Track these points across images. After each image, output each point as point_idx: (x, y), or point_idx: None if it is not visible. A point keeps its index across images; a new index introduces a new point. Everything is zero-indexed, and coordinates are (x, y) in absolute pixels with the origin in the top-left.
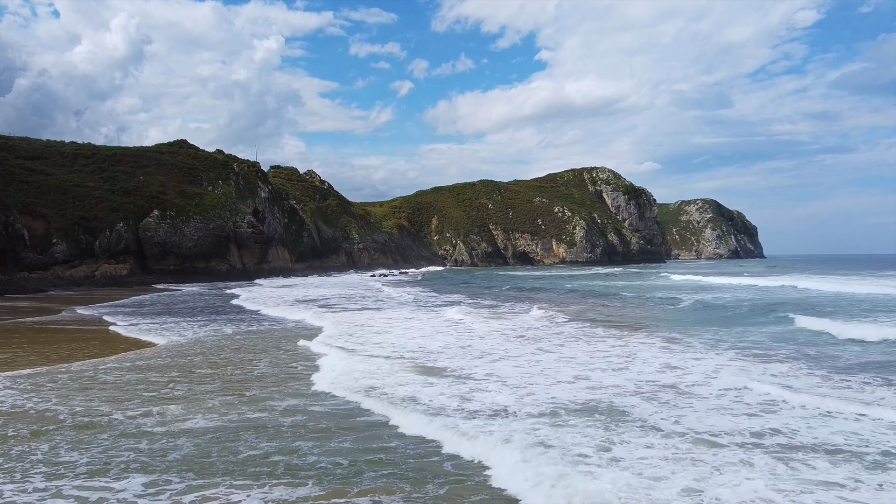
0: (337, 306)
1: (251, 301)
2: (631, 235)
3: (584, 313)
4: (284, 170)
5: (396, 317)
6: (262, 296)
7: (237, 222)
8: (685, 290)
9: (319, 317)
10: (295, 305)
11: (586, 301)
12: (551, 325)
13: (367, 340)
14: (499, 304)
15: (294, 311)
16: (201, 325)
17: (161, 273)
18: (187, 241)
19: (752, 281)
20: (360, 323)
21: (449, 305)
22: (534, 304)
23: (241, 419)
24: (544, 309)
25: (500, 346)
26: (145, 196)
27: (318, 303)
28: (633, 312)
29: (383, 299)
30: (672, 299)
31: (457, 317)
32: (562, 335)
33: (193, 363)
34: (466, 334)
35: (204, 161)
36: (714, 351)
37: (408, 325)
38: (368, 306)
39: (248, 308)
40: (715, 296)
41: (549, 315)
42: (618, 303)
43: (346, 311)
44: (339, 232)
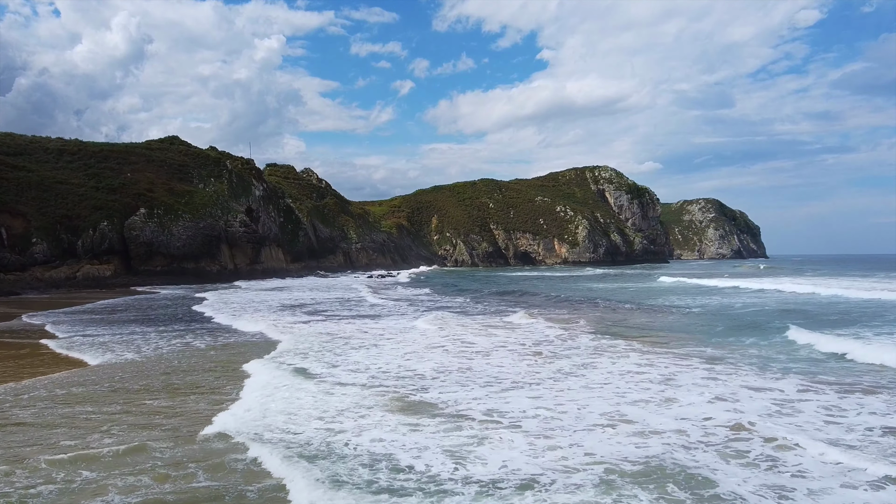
0: (324, 312)
1: (225, 308)
2: (634, 235)
3: (599, 321)
4: (281, 168)
5: (386, 327)
6: (241, 300)
7: (229, 221)
8: (703, 294)
9: (290, 329)
10: (269, 313)
11: (597, 306)
12: (565, 336)
13: (344, 360)
14: (505, 311)
15: (264, 320)
16: (152, 338)
17: (147, 274)
18: (175, 240)
19: (776, 285)
20: (343, 334)
21: (448, 312)
22: (542, 309)
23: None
24: (555, 317)
25: (509, 368)
26: (132, 194)
27: (305, 308)
28: (651, 320)
29: (377, 303)
30: (688, 304)
31: (456, 328)
32: (580, 350)
33: (94, 395)
34: (468, 351)
35: (196, 158)
36: (770, 374)
37: (399, 336)
38: (360, 313)
39: (214, 318)
40: (733, 300)
41: (561, 324)
42: (630, 307)
43: (331, 319)
44: (336, 231)
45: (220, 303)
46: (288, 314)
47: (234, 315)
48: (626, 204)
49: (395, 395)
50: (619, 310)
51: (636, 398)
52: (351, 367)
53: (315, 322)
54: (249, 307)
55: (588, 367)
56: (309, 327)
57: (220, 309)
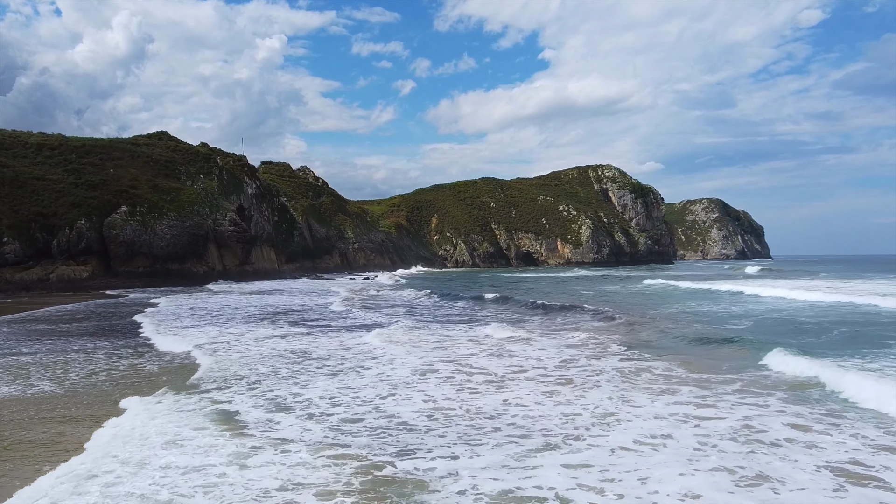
0: (300, 322)
1: (171, 318)
2: (638, 235)
3: (627, 333)
4: (276, 165)
5: (370, 344)
6: (207, 307)
7: (218, 220)
8: (731, 302)
9: (239, 346)
10: (227, 323)
11: (617, 314)
12: (593, 354)
13: (300, 397)
14: (516, 320)
15: (210, 333)
16: (41, 358)
17: (128, 276)
18: (159, 240)
19: (805, 295)
20: (312, 354)
21: (448, 322)
22: (556, 316)
23: None
24: (576, 329)
25: (529, 406)
26: (113, 190)
27: (278, 317)
28: (685, 332)
29: (367, 308)
30: (723, 312)
31: (463, 346)
32: (618, 378)
33: None
34: (471, 377)
35: (185, 154)
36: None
37: (383, 356)
38: (343, 324)
39: (145, 332)
40: (766, 306)
41: (584, 338)
42: (654, 316)
43: (304, 330)
44: (333, 231)
45: (172, 310)
46: (254, 325)
47: (175, 327)
48: (629, 203)
49: (362, 465)
50: (646, 318)
51: (720, 465)
52: (307, 407)
53: (282, 337)
54: (208, 316)
55: (635, 409)
56: (269, 344)
57: (164, 319)
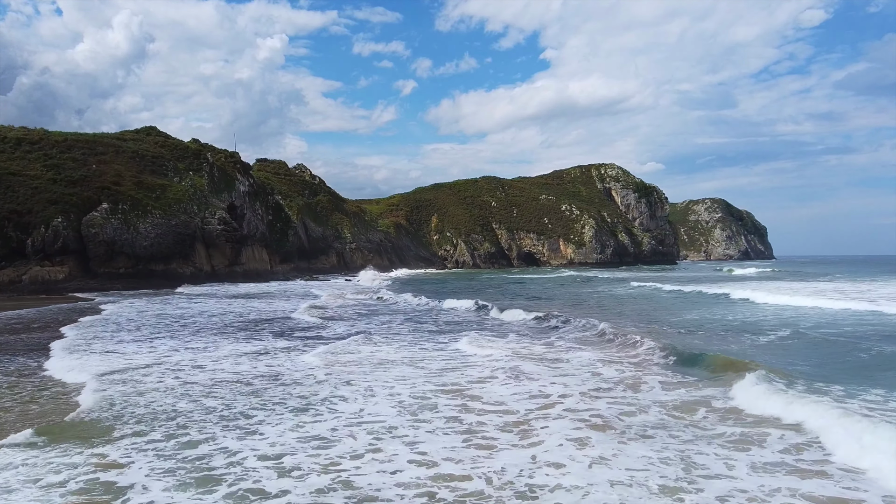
0: (259, 333)
1: (101, 331)
2: (642, 235)
3: (662, 351)
4: (271, 163)
5: (342, 364)
6: (185, 312)
7: (206, 218)
8: (765, 313)
9: (216, 365)
10: (169, 337)
11: (642, 324)
12: (633, 382)
13: (240, 455)
14: (529, 333)
15: (140, 352)
16: None
17: (108, 277)
18: (142, 239)
19: (833, 303)
20: (284, 378)
21: (447, 334)
22: (574, 328)
23: None
24: (603, 346)
25: (566, 472)
26: (94, 187)
27: (263, 327)
28: (729, 349)
29: (351, 317)
30: (759, 323)
31: (457, 367)
32: (680, 424)
33: None
34: (482, 421)
35: (173, 150)
36: None
37: (367, 378)
38: (328, 333)
39: (52, 351)
40: (810, 320)
41: (617, 357)
42: (687, 326)
43: (285, 349)
44: (329, 230)
45: (132, 318)
46: (221, 336)
47: (91, 343)
48: (633, 203)
49: None
50: (675, 330)
51: None
52: (241, 478)
53: (250, 354)
54: (172, 325)
55: (714, 481)
56: (228, 363)
57: (104, 330)
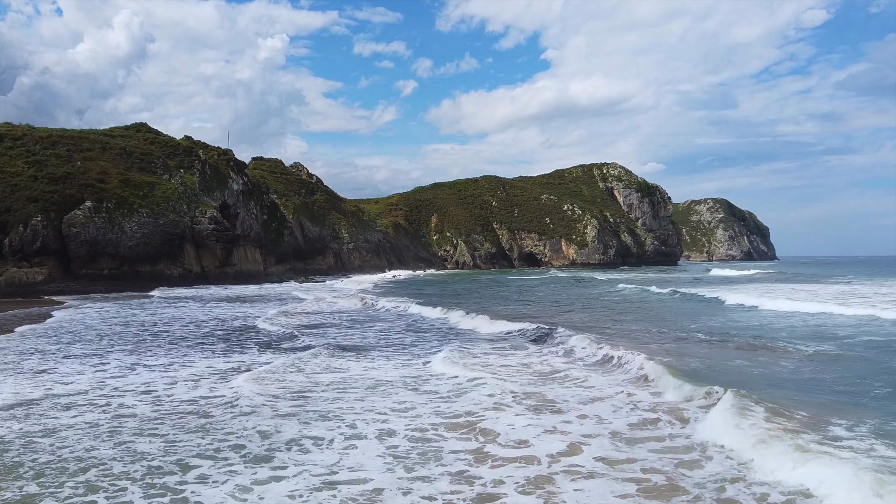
0: (205, 347)
1: (105, 336)
2: (645, 235)
3: (717, 377)
4: (267, 161)
5: (321, 387)
6: (158, 318)
7: (196, 217)
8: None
9: (163, 395)
10: (100, 353)
11: (671, 338)
12: (677, 416)
13: None
14: (521, 348)
15: (142, 363)
16: None
17: (90, 279)
18: (127, 239)
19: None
20: (239, 408)
21: (428, 348)
22: (595, 344)
23: None
24: (612, 370)
25: None
26: (77, 184)
27: (246, 340)
28: (788, 376)
29: (326, 327)
30: (783, 330)
31: (475, 403)
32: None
33: None
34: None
35: (164, 147)
36: None
37: (347, 414)
38: (296, 345)
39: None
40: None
41: (656, 389)
42: (722, 342)
43: (253, 364)
44: (326, 230)
45: (68, 328)
46: (168, 349)
47: (25, 360)
48: (635, 203)
49: None
50: (712, 347)
51: None
52: None
53: (192, 377)
54: (111, 337)
55: None
56: (182, 390)
57: (33, 344)
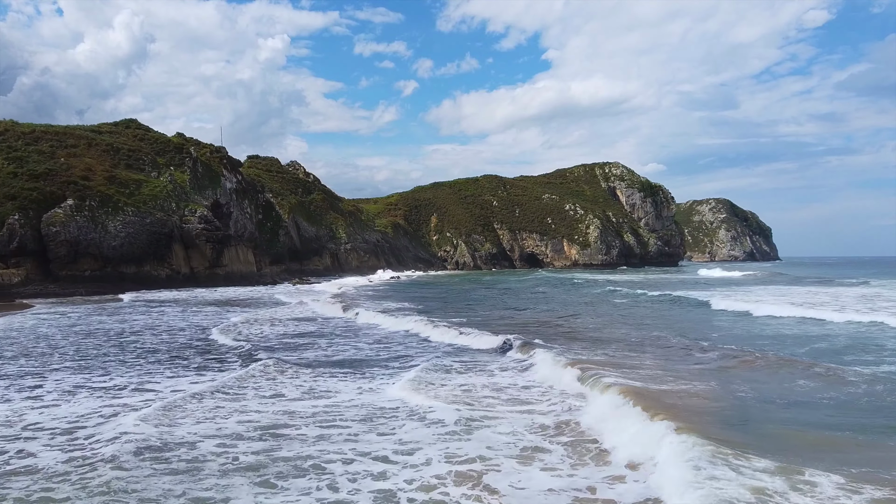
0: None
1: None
2: (648, 236)
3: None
4: (263, 160)
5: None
6: (127, 327)
7: (185, 216)
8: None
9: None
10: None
11: (715, 367)
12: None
13: None
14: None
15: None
16: None
17: (71, 280)
18: (111, 238)
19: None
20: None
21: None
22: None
23: None
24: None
25: None
26: (59, 181)
27: (224, 352)
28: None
29: (288, 339)
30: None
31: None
32: None
33: None
34: None
35: (154, 144)
36: None
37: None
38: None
39: None
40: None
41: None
42: (777, 368)
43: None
44: (323, 230)
45: (13, 339)
46: (127, 366)
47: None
48: (638, 202)
49: None
50: (764, 371)
51: None
52: None
53: (141, 404)
54: (64, 350)
55: None
56: (57, 438)
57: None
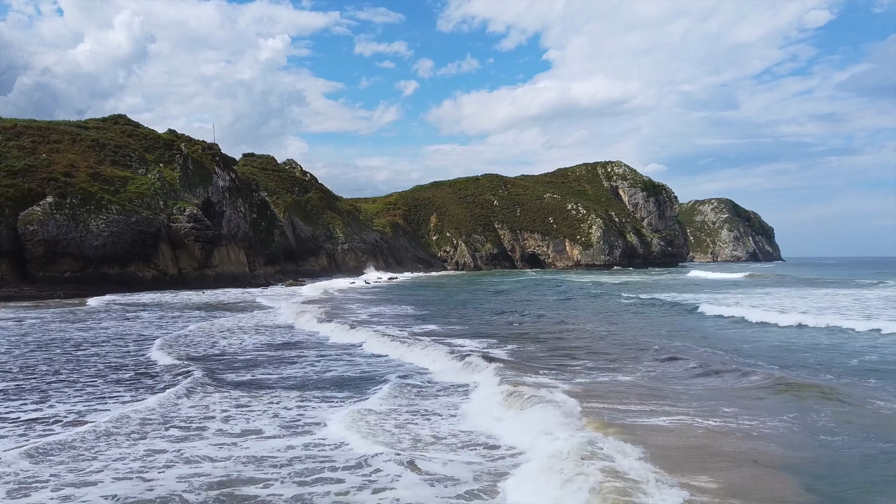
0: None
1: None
2: (651, 236)
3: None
4: (258, 158)
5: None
6: (91, 336)
7: (174, 215)
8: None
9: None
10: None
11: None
12: None
13: None
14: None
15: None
16: None
17: (49, 282)
18: (93, 238)
19: None
20: None
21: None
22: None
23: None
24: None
25: None
26: (39, 178)
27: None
28: None
29: (230, 357)
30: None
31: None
32: None
33: None
34: None
35: (142, 140)
36: None
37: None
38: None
39: None
40: None
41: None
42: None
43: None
44: (320, 230)
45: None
46: (75, 390)
47: None
48: (641, 202)
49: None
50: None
51: None
52: None
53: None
54: (5, 368)
55: None
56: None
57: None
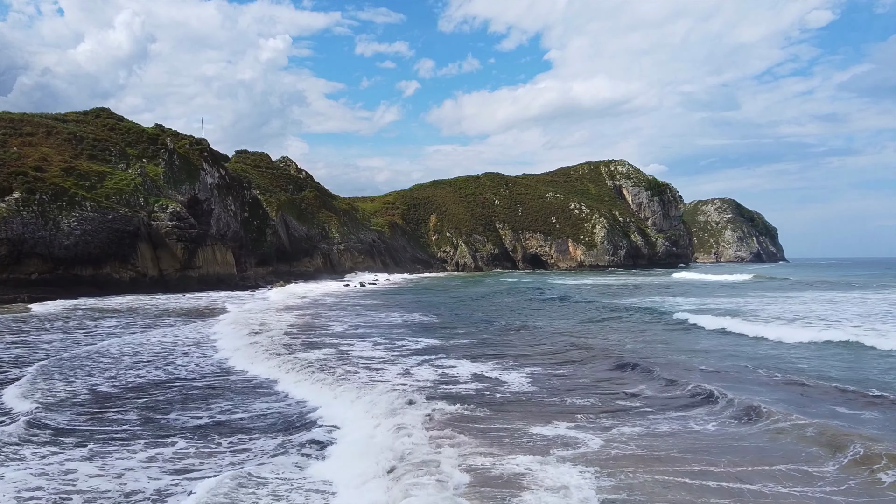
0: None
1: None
2: (656, 236)
3: None
4: (251, 155)
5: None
6: (36, 352)
7: (155, 213)
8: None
9: None
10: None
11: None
12: None
13: None
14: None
15: None
16: None
17: (14, 284)
18: (63, 237)
19: None
20: None
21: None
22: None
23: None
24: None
25: None
26: (6, 172)
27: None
28: None
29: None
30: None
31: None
32: None
33: None
34: None
35: (124, 134)
36: None
37: None
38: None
39: None
40: None
41: None
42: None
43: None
44: (315, 229)
45: None
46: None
47: None
48: (645, 202)
49: None
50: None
51: None
52: None
53: None
54: None
55: None
56: None
57: None
